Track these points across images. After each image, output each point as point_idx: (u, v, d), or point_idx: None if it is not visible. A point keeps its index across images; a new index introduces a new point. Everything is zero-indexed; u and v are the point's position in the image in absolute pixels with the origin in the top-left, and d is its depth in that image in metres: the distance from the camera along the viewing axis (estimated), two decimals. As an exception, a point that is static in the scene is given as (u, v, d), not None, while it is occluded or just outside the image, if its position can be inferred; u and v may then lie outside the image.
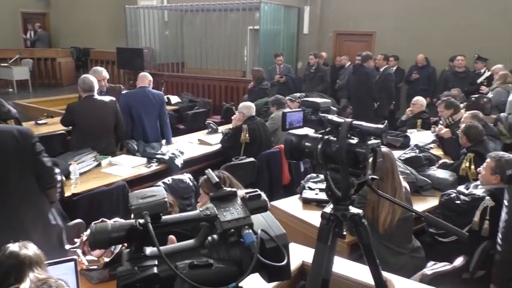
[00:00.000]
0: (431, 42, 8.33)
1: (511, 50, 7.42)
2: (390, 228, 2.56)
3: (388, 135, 4.89)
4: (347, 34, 9.65)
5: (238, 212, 0.83)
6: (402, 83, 8.44)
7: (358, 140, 1.14)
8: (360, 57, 7.30)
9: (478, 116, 4.42)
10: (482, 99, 5.61)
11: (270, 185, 4.39)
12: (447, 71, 7.91)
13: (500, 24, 7.80)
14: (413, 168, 3.52)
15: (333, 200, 1.19)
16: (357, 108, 7.03)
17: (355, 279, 1.56)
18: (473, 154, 3.68)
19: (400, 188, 2.58)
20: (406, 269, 2.49)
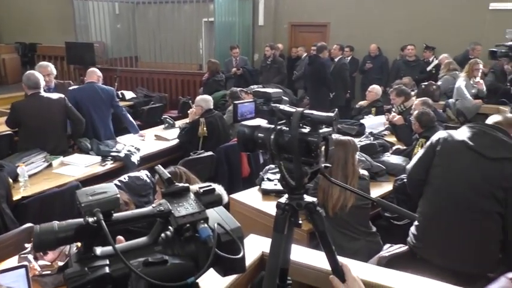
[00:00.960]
0: (383, 33, 8.59)
1: (456, 39, 7.76)
2: (342, 214, 2.63)
3: (344, 124, 5.02)
4: (302, 25, 9.76)
5: (193, 207, 0.82)
6: (356, 73, 8.66)
7: (310, 129, 1.15)
8: (315, 48, 7.41)
9: (427, 102, 4.61)
10: (431, 87, 5.86)
11: (229, 178, 4.38)
12: (398, 60, 8.19)
13: (446, 14, 8.14)
14: (368, 155, 3.62)
15: (288, 189, 1.20)
16: (314, 99, 7.15)
17: (313, 266, 1.59)
18: (424, 139, 3.83)
19: (353, 176, 2.64)
20: (361, 253, 2.57)
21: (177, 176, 2.46)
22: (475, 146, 2.37)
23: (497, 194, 2.31)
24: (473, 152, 2.38)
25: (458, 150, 2.43)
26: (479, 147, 2.36)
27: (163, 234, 0.81)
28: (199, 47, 9.86)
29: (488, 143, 2.36)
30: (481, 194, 2.34)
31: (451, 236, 2.41)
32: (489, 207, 2.33)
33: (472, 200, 2.36)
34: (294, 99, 7.29)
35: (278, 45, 8.90)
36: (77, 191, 0.77)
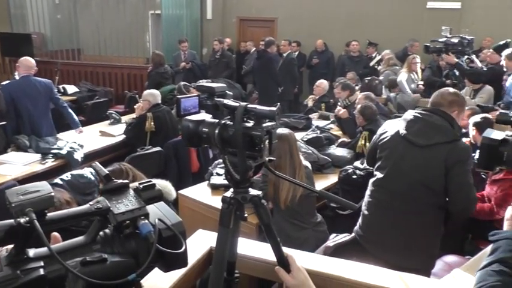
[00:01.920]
0: (329, 29, 8.80)
1: (397, 35, 8.10)
2: (292, 205, 2.68)
3: (292, 118, 5.11)
4: (250, 20, 9.78)
5: (133, 203, 0.81)
6: (304, 68, 8.82)
7: (253, 123, 1.16)
8: (263, 42, 7.46)
9: (370, 96, 4.79)
10: (374, 81, 6.09)
11: (179, 174, 4.33)
12: (343, 56, 8.44)
13: (387, 12, 8.48)
14: (315, 148, 3.72)
15: (233, 183, 1.21)
16: (262, 93, 7.20)
17: (260, 258, 1.61)
18: (367, 132, 3.99)
19: (300, 168, 2.71)
20: (309, 242, 2.65)
21: (123, 173, 2.39)
22: (407, 134, 2.30)
23: (431, 184, 2.24)
24: (405, 141, 2.31)
25: (394, 140, 2.38)
26: (410, 135, 2.29)
27: (102, 232, 0.79)
28: (146, 40, 9.60)
29: (419, 130, 2.27)
30: (413, 185, 2.27)
31: (387, 228, 2.39)
32: (423, 199, 2.27)
33: (406, 192, 2.30)
34: (243, 93, 7.31)
35: (226, 39, 8.87)
36: (6, 190, 0.73)
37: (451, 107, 2.32)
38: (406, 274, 1.71)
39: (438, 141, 2.21)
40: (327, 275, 1.63)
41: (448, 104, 2.32)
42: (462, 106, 2.39)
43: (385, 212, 2.40)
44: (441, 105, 2.33)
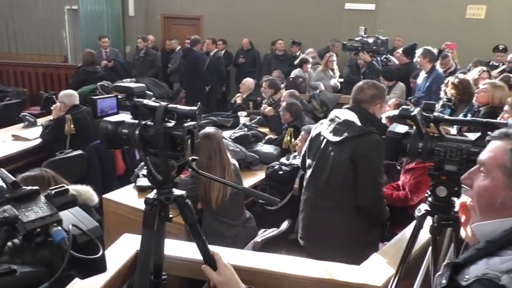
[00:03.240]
0: (255, 27, 8.92)
1: (319, 35, 8.43)
2: (222, 203, 2.70)
3: (219, 117, 5.12)
4: (175, 18, 9.61)
5: (44, 210, 0.78)
6: (231, 66, 8.87)
7: (175, 123, 1.15)
8: (189, 41, 7.37)
9: (294, 94, 4.96)
10: (298, 79, 6.29)
11: (103, 177, 4.14)
12: (269, 54, 8.61)
13: (309, 12, 8.78)
14: (242, 145, 3.77)
15: (155, 184, 1.19)
16: (189, 92, 7.13)
17: (186, 258, 1.61)
18: (292, 128, 4.12)
19: (229, 165, 2.73)
20: (240, 239, 2.68)
21: (45, 181, 2.22)
22: (325, 132, 2.36)
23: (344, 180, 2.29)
24: (324, 139, 2.38)
25: (317, 139, 2.45)
26: (327, 133, 2.34)
27: (11, 243, 0.74)
28: (62, 37, 9.04)
29: (334, 128, 2.31)
30: (331, 182, 2.33)
31: (315, 225, 2.46)
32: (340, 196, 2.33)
33: (326, 189, 2.36)
34: (169, 92, 7.16)
35: (149, 37, 8.63)
36: None
37: (373, 101, 2.34)
38: (329, 263, 1.80)
39: (347, 136, 2.25)
40: (255, 269, 1.67)
41: (369, 99, 2.34)
42: (383, 97, 2.44)
43: (313, 209, 2.49)
44: (362, 101, 2.35)
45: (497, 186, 0.97)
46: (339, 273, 1.71)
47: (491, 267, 0.87)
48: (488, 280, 0.85)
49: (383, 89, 2.48)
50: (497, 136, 1.01)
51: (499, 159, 0.98)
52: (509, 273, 0.84)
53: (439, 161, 1.28)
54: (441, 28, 7.97)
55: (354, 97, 2.42)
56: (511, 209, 0.95)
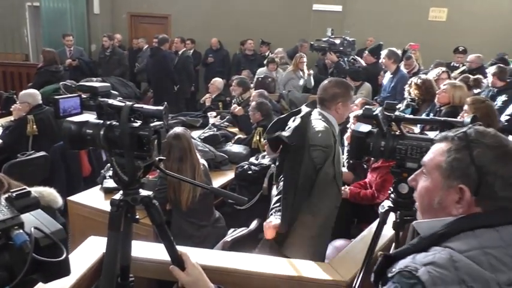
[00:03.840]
0: (224, 27, 8.90)
1: (288, 35, 8.50)
2: (192, 204, 2.68)
3: (188, 116, 5.08)
4: (142, 16, 9.46)
5: (4, 213, 0.76)
6: (200, 66, 8.81)
7: (141, 123, 1.14)
8: (157, 40, 7.27)
9: (264, 94, 4.98)
10: (267, 79, 6.33)
11: (68, 179, 4.03)
12: (238, 54, 8.61)
13: (278, 12, 8.85)
14: (211, 145, 3.76)
15: (121, 185, 1.18)
16: (158, 92, 7.04)
17: (154, 259, 1.59)
18: (262, 128, 4.14)
19: (199, 165, 2.72)
20: (209, 239, 2.68)
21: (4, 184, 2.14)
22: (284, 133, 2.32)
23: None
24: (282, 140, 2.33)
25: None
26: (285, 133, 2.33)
27: (-33, 248, 0.72)
28: (23, 35, 8.72)
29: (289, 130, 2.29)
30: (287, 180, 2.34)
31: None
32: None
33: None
34: (137, 92, 7.04)
35: (116, 35, 8.46)
36: None
37: (334, 99, 2.36)
38: (298, 260, 1.83)
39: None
40: (224, 268, 1.68)
41: (330, 97, 2.37)
42: (345, 96, 2.41)
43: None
44: (325, 99, 2.38)
45: (435, 186, 1.02)
46: (307, 270, 1.74)
47: (415, 260, 0.91)
48: (408, 272, 0.89)
49: (346, 87, 2.43)
50: (438, 139, 1.06)
51: (437, 160, 1.02)
52: (427, 265, 0.88)
53: (401, 158, 1.32)
54: (405, 30, 8.21)
55: (317, 96, 2.46)
56: (447, 208, 1.00)
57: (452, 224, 0.96)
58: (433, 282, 0.86)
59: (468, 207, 0.97)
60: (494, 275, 0.87)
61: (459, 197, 0.98)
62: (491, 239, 0.92)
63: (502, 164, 0.95)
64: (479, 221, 0.95)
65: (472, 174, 0.95)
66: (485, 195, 0.95)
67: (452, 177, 0.98)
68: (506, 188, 0.95)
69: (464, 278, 0.86)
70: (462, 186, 0.97)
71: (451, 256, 0.89)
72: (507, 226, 0.94)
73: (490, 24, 8.35)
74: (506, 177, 0.95)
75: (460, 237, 0.93)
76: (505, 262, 0.89)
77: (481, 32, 8.22)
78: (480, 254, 0.89)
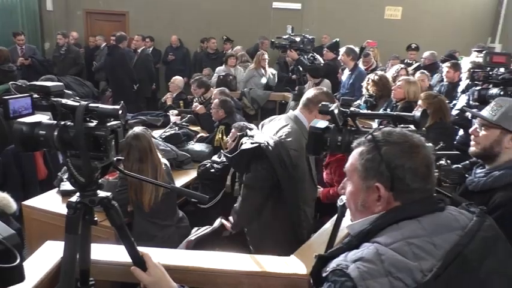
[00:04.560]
0: (184, 24, 8.81)
1: (249, 33, 8.52)
2: (155, 205, 2.65)
3: (149, 116, 4.99)
4: (98, 13, 9.20)
5: (-49, 220, 0.72)
6: (160, 64, 8.68)
7: (97, 122, 1.12)
8: (114, 37, 7.10)
9: (225, 91, 4.96)
10: (228, 77, 6.33)
11: (22, 183, 3.86)
12: (200, 53, 8.55)
13: (239, 9, 8.85)
14: (173, 144, 3.72)
15: (78, 187, 1.15)
16: (117, 91, 6.87)
17: (115, 262, 1.56)
18: (224, 126, 4.13)
19: (160, 165, 2.68)
20: (173, 239, 2.65)
21: None
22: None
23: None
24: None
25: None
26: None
27: None
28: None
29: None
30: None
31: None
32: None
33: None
34: (94, 91, 6.84)
35: (72, 33, 8.18)
36: None
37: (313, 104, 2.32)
38: (261, 256, 1.85)
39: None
40: (187, 267, 1.68)
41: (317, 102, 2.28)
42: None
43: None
44: (311, 102, 2.37)
45: (357, 189, 1.09)
46: (270, 265, 1.76)
47: (346, 258, 0.96)
48: (339, 270, 0.94)
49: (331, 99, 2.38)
50: (354, 145, 1.13)
51: (353, 164, 1.09)
52: (356, 262, 0.93)
53: (358, 152, 1.37)
54: (362, 28, 8.44)
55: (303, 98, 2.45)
56: (370, 208, 1.06)
57: (376, 220, 1.02)
58: (361, 277, 0.90)
59: (387, 203, 1.03)
60: (417, 263, 0.91)
61: (378, 195, 1.04)
62: (413, 230, 0.97)
63: (408, 157, 1.02)
64: (401, 213, 1.01)
65: (384, 171, 1.02)
66: (400, 189, 1.02)
67: (368, 177, 1.05)
68: (416, 180, 1.02)
69: (390, 270, 0.90)
70: (378, 184, 1.03)
71: (377, 250, 0.94)
72: (428, 215, 1.01)
73: (442, 22, 8.74)
74: (413, 168, 1.01)
75: (386, 231, 0.99)
76: (427, 250, 0.94)
77: (433, 30, 8.59)
78: (404, 245, 0.94)
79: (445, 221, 1.02)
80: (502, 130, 1.68)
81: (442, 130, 3.35)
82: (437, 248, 0.95)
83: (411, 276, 0.89)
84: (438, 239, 0.96)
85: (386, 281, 0.89)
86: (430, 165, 1.05)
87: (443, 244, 0.96)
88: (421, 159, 1.03)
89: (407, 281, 0.89)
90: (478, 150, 1.78)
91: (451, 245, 0.96)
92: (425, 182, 1.03)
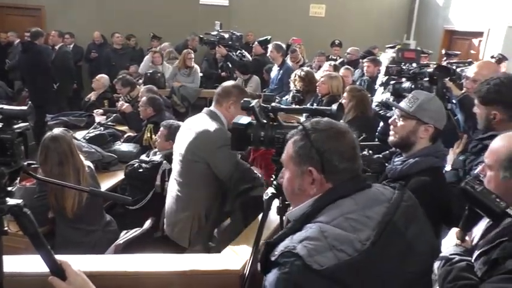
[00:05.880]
0: (106, 20, 8.41)
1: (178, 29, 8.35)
2: (79, 210, 2.51)
3: (71, 116, 4.73)
4: (10, 7, 8.52)
5: None
6: (82, 62, 8.24)
7: (2, 125, 1.04)
8: (29, 33, 6.59)
9: (153, 89, 4.83)
10: (156, 74, 6.16)
11: None
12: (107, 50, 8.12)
13: (166, 6, 8.63)
14: (98, 146, 3.55)
15: (-17, 195, 1.06)
16: (34, 91, 6.40)
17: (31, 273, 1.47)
18: (152, 125, 4.02)
19: (83, 168, 2.55)
20: (100, 244, 2.54)
21: None
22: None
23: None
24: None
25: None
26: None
27: None
28: None
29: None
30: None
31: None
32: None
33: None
34: (8, 92, 6.33)
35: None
36: None
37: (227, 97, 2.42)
38: (191, 255, 1.84)
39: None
40: (114, 272, 1.62)
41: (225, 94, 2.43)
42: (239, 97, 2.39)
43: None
44: (219, 95, 2.45)
45: (293, 175, 1.19)
46: (200, 263, 1.75)
47: (292, 240, 1.04)
48: (288, 251, 1.02)
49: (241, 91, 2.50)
50: (289, 136, 1.23)
51: (288, 153, 1.20)
52: (302, 241, 1.02)
53: (280, 147, 1.40)
54: (289, 25, 8.63)
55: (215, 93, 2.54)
56: (306, 191, 1.17)
57: (314, 202, 1.13)
58: (309, 254, 0.98)
59: (321, 185, 1.15)
60: (356, 234, 1.03)
61: (312, 178, 1.15)
62: (349, 206, 1.10)
63: (334, 141, 1.14)
64: (336, 193, 1.13)
65: (314, 155, 1.13)
66: (329, 170, 1.14)
67: (301, 163, 1.16)
68: (343, 161, 1.14)
69: (333, 244, 1.01)
70: (310, 168, 1.14)
71: (320, 228, 1.04)
72: (359, 193, 1.14)
73: (363, 20, 9.20)
74: (340, 151, 1.14)
75: (325, 211, 1.10)
76: (362, 222, 1.07)
77: (355, 27, 9.02)
78: (343, 221, 1.06)
79: (374, 196, 1.16)
80: (418, 121, 1.81)
81: (364, 122, 3.55)
82: (371, 220, 1.08)
83: (352, 246, 1.01)
84: (370, 212, 1.09)
85: (332, 254, 0.99)
86: (355, 147, 1.18)
87: (375, 216, 1.09)
88: (346, 143, 1.16)
89: (349, 251, 1.00)
90: (396, 140, 1.90)
91: (382, 216, 1.09)
92: (352, 163, 1.16)
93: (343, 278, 0.98)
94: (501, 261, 1.12)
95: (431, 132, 1.81)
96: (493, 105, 1.86)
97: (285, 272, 1.00)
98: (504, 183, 1.29)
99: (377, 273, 1.02)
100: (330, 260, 0.98)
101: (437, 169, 1.83)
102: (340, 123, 1.21)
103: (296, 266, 0.98)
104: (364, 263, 1.00)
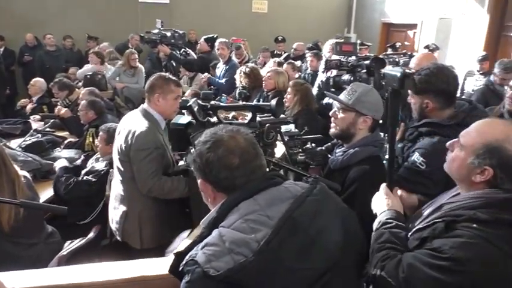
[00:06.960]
0: (40, 21, 7.94)
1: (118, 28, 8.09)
2: (17, 223, 2.36)
3: (5, 124, 4.45)
4: None
5: None
6: (15, 66, 7.76)
7: None
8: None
9: (94, 92, 4.66)
10: (97, 76, 5.92)
11: None
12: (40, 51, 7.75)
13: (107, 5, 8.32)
14: (36, 154, 3.37)
15: None
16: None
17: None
18: (94, 129, 3.86)
19: (18, 178, 2.39)
20: (43, 257, 2.40)
21: None
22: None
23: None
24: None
25: None
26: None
27: None
28: None
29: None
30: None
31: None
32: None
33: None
34: None
35: None
36: None
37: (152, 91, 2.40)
38: (140, 260, 1.79)
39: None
40: (57, 286, 1.54)
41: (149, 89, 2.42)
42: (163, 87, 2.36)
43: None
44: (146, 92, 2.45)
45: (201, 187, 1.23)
46: (149, 268, 1.71)
47: (197, 248, 1.06)
48: (191, 260, 1.04)
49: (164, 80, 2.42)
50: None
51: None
52: (203, 248, 1.04)
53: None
54: (232, 21, 8.63)
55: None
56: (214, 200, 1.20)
57: (219, 208, 1.15)
58: (207, 260, 1.00)
59: (214, 194, 1.19)
60: (254, 235, 1.03)
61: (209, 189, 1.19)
62: (249, 207, 1.11)
63: (212, 152, 1.15)
64: (239, 196, 1.14)
65: (201, 167, 1.17)
66: (211, 180, 1.17)
67: (198, 175, 1.21)
68: (221, 171, 1.15)
69: (231, 247, 1.01)
70: (200, 180, 1.20)
71: (219, 233, 1.05)
72: (262, 192, 1.14)
73: (305, 15, 9.38)
74: (216, 160, 1.15)
75: (229, 215, 1.11)
76: (261, 222, 1.06)
77: (298, 22, 9.18)
78: (242, 223, 1.06)
79: (278, 194, 1.15)
80: (357, 113, 1.87)
81: (310, 116, 3.62)
82: (271, 219, 1.07)
83: (249, 248, 1.01)
84: (271, 211, 1.09)
85: (230, 258, 0.99)
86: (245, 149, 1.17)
87: (276, 214, 1.08)
88: (222, 152, 1.15)
89: (245, 252, 1.00)
90: (336, 131, 1.95)
91: (283, 213, 1.08)
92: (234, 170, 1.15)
93: (239, 280, 0.98)
94: (429, 240, 1.18)
95: (370, 123, 1.88)
96: (424, 94, 1.94)
97: (188, 280, 1.02)
98: (467, 168, 1.26)
99: (273, 271, 1.01)
100: (227, 264, 0.98)
101: (376, 158, 1.89)
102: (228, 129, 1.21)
103: (197, 273, 1.00)
104: (259, 262, 0.99)
